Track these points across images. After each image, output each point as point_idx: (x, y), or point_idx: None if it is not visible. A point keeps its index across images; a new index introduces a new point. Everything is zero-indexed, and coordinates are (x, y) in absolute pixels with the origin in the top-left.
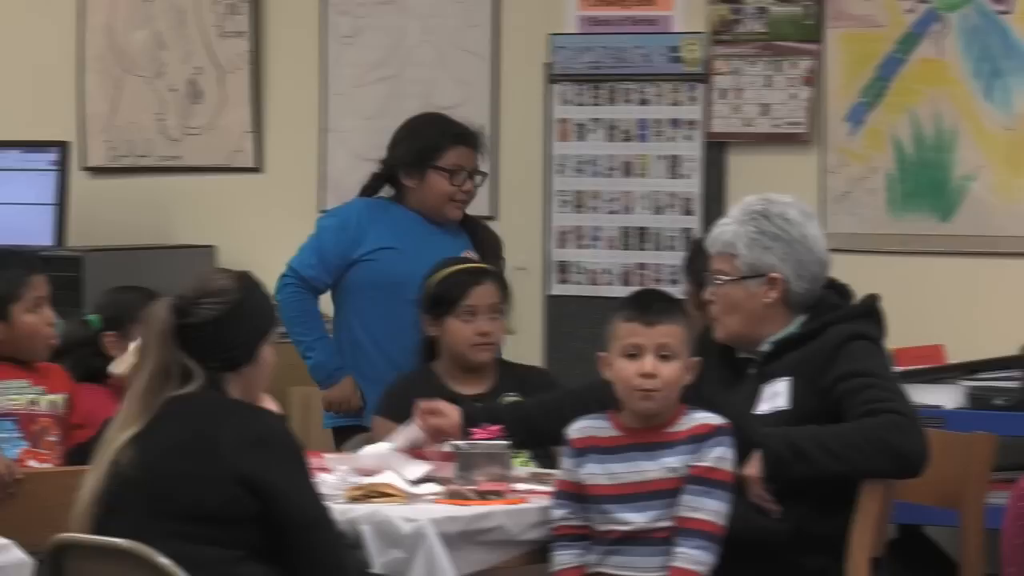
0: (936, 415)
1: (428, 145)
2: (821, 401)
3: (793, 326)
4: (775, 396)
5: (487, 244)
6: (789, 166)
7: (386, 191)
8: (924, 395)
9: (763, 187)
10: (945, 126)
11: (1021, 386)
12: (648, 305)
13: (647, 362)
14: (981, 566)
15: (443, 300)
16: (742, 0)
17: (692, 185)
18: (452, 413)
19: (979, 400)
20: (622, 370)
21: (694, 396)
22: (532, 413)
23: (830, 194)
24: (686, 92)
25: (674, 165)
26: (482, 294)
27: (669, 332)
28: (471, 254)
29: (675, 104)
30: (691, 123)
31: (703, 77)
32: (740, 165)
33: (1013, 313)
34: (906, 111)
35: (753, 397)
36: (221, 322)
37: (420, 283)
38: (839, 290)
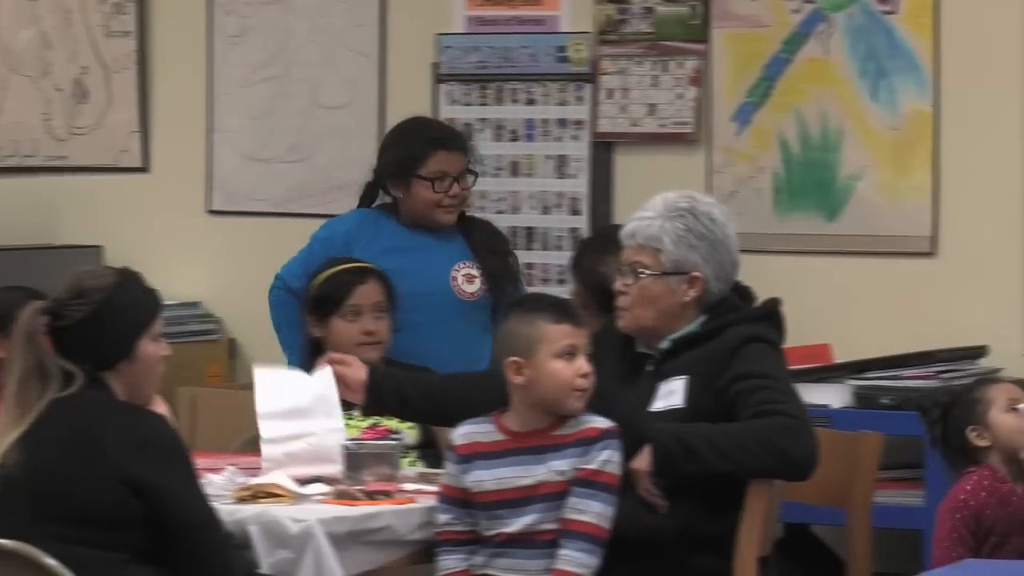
0: (823, 414)
1: (409, 154)
2: (716, 401)
3: (694, 325)
4: (671, 394)
5: (487, 243)
6: (676, 166)
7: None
8: (811, 394)
9: (650, 187)
10: (831, 126)
11: (908, 385)
12: (567, 307)
13: (583, 362)
14: (868, 564)
15: (327, 300)
16: (628, 0)
17: (579, 185)
18: (359, 369)
19: (866, 399)
20: (559, 372)
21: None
22: (435, 390)
23: (717, 194)
24: (573, 92)
25: (561, 165)
26: (366, 293)
27: (587, 333)
28: (465, 264)
29: (562, 104)
30: (578, 123)
31: (590, 77)
32: (627, 165)
33: (899, 312)
34: (792, 111)
35: (649, 394)
36: (89, 321)
37: (401, 301)
38: (741, 292)
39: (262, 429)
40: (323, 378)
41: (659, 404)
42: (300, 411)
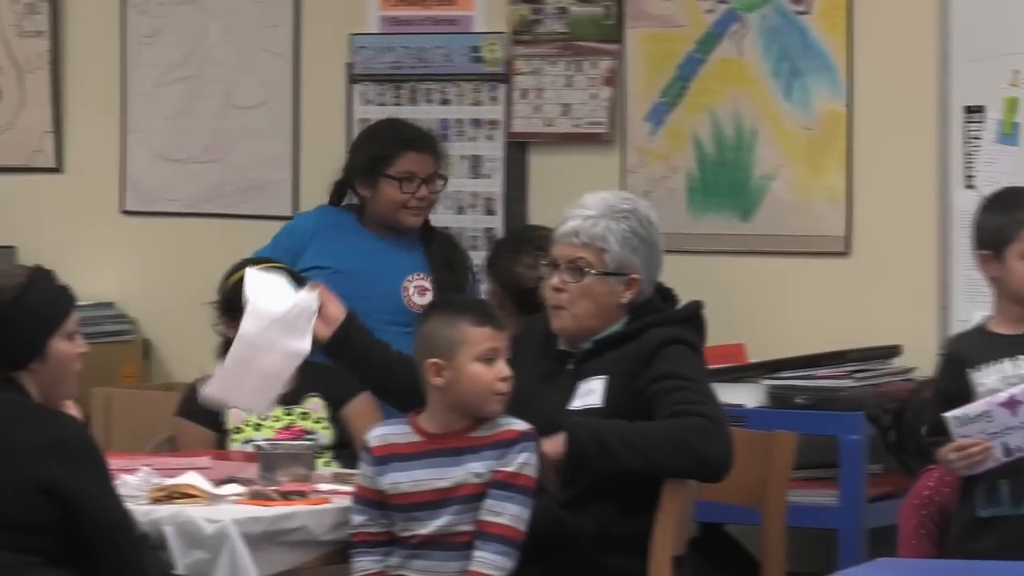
0: (737, 414)
1: (378, 153)
2: (634, 401)
3: (617, 325)
4: (590, 393)
5: (445, 257)
6: (590, 166)
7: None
8: (726, 394)
9: (565, 187)
10: (745, 126)
11: (822, 385)
12: (488, 310)
13: (503, 366)
14: (782, 564)
15: (238, 302)
16: (542, 0)
17: (494, 185)
18: (339, 309)
19: (780, 399)
20: (480, 375)
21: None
22: (395, 365)
23: (631, 194)
24: (487, 92)
25: (476, 165)
26: None
27: (507, 335)
28: (419, 276)
29: (476, 104)
30: (492, 123)
31: (504, 77)
32: (542, 165)
33: (813, 312)
34: (706, 111)
35: (569, 392)
36: None
37: (349, 305)
38: (663, 293)
39: (244, 322)
40: (308, 299)
41: (577, 403)
42: (278, 320)
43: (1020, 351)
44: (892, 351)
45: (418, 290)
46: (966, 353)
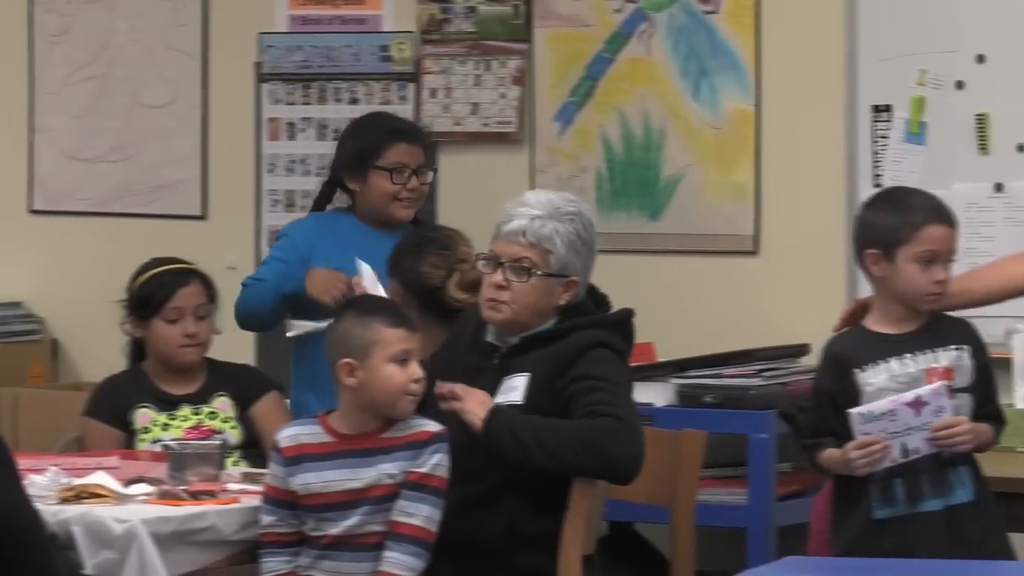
0: (647, 413)
1: (367, 145)
2: (554, 401)
3: (548, 324)
4: (512, 390)
5: None
6: (500, 165)
7: (343, 200)
8: (635, 393)
9: (474, 186)
10: (653, 125)
11: (731, 383)
12: (402, 311)
13: (416, 367)
14: (691, 562)
15: (149, 302)
16: (451, 0)
17: None
18: None
19: (689, 398)
20: (393, 376)
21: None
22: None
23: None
24: (396, 91)
25: None
26: (188, 295)
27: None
28: None
29: (385, 103)
30: None
31: (413, 76)
32: (451, 164)
33: (721, 311)
34: (615, 110)
35: (494, 386)
36: None
37: None
38: (597, 298)
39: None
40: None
41: (500, 398)
42: None
43: (905, 350)
44: (800, 350)
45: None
46: (850, 353)
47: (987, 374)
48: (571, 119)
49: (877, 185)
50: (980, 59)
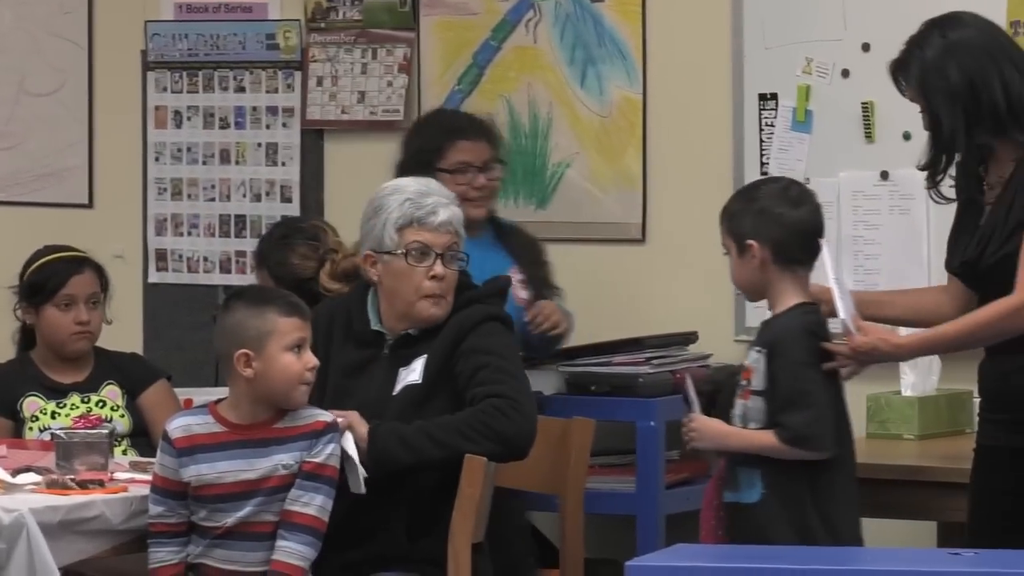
0: (536, 401)
1: (427, 146)
2: (449, 376)
3: None
4: (411, 373)
5: (529, 253)
6: (386, 153)
7: None
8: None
9: (361, 175)
10: (540, 114)
11: (619, 372)
12: (295, 300)
13: (311, 355)
14: (580, 550)
15: (41, 289)
16: None
17: (290, 172)
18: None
19: (577, 386)
20: (290, 365)
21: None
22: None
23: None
24: (283, 79)
25: (272, 153)
26: (81, 283)
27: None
28: (515, 270)
29: (272, 92)
30: (288, 110)
31: (299, 64)
32: (338, 152)
33: (609, 299)
34: (502, 98)
35: (389, 379)
36: None
37: None
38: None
39: None
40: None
41: (400, 387)
42: None
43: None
44: (689, 337)
45: (521, 284)
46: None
47: (779, 381)
48: (458, 107)
49: (764, 173)
50: (865, 48)
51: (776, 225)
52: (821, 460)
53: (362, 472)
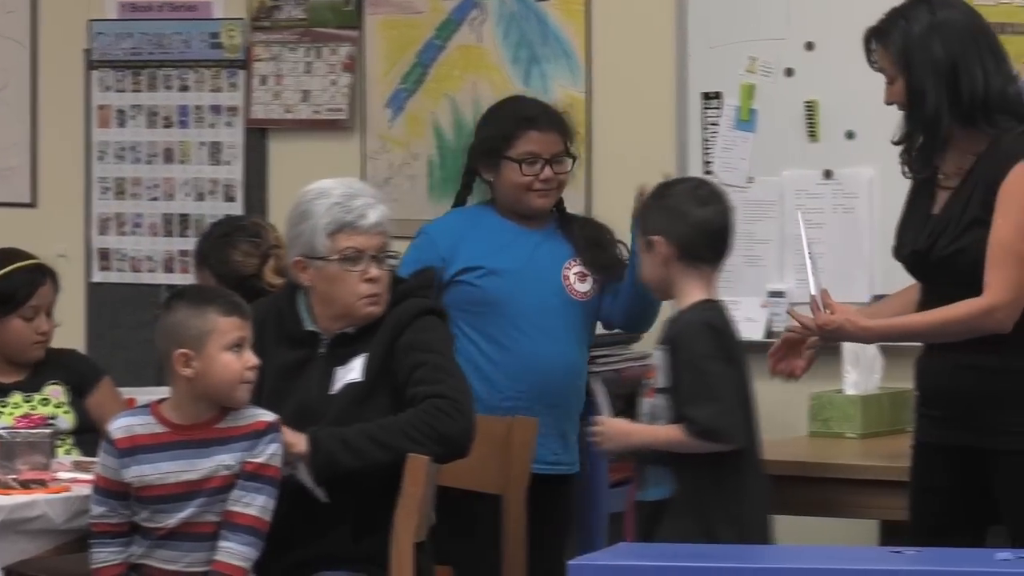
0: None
1: (497, 134)
2: (389, 374)
3: None
4: (351, 371)
5: (591, 237)
6: (330, 152)
7: (485, 192)
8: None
9: (305, 174)
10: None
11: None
12: (235, 300)
13: (251, 355)
14: (523, 548)
15: (9, 299)
16: None
17: (234, 171)
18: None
19: None
20: (230, 365)
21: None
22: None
23: (371, 180)
24: (226, 78)
25: (215, 151)
26: (45, 293)
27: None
28: (575, 262)
29: (216, 90)
30: (232, 109)
31: (243, 63)
32: (282, 151)
33: None
34: (446, 97)
35: (326, 379)
36: None
37: (519, 300)
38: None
39: None
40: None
41: (339, 386)
42: None
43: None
44: (632, 336)
45: (578, 276)
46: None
47: (682, 377)
48: (402, 106)
49: (707, 172)
50: (809, 46)
51: (682, 223)
52: (728, 457)
53: (308, 478)
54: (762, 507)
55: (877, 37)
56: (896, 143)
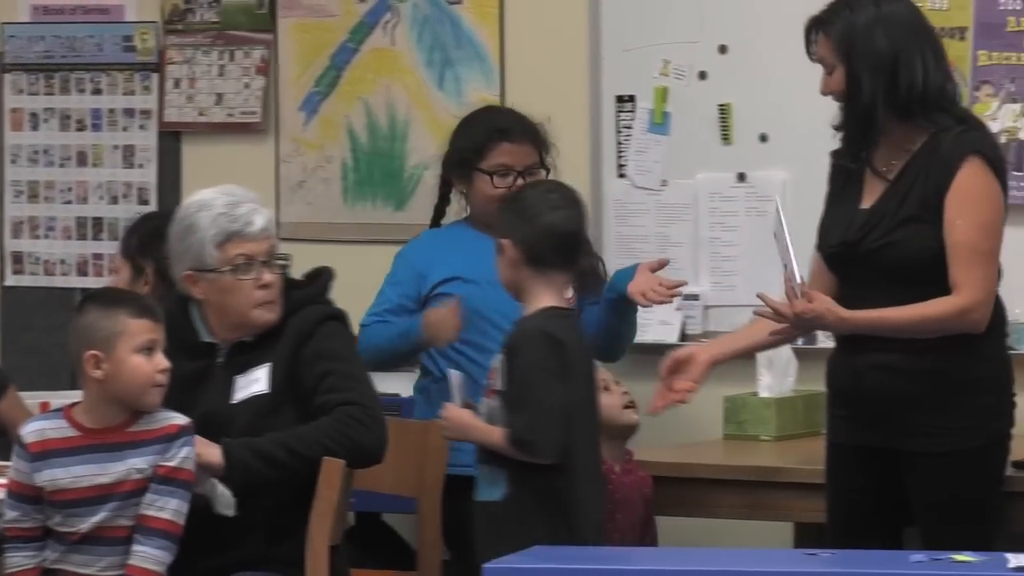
0: (393, 403)
1: (469, 145)
2: (295, 384)
3: None
4: (254, 382)
5: None
6: (244, 156)
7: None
8: (382, 384)
9: (219, 177)
10: (398, 116)
11: None
12: (146, 302)
13: (162, 357)
14: (438, 552)
15: None
16: None
17: (148, 175)
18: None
19: None
20: (140, 366)
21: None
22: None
23: (285, 184)
24: (140, 82)
25: (129, 155)
26: None
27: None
28: None
29: (129, 94)
30: (145, 113)
31: (156, 67)
32: (195, 155)
33: None
34: (360, 100)
35: (226, 389)
36: None
37: (501, 307)
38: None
39: None
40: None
41: (241, 394)
42: None
43: None
44: None
45: None
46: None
47: (511, 383)
48: (316, 109)
49: (621, 175)
50: (722, 50)
51: (528, 226)
52: (555, 469)
53: (223, 491)
54: (590, 523)
55: (820, 27)
56: (837, 128)
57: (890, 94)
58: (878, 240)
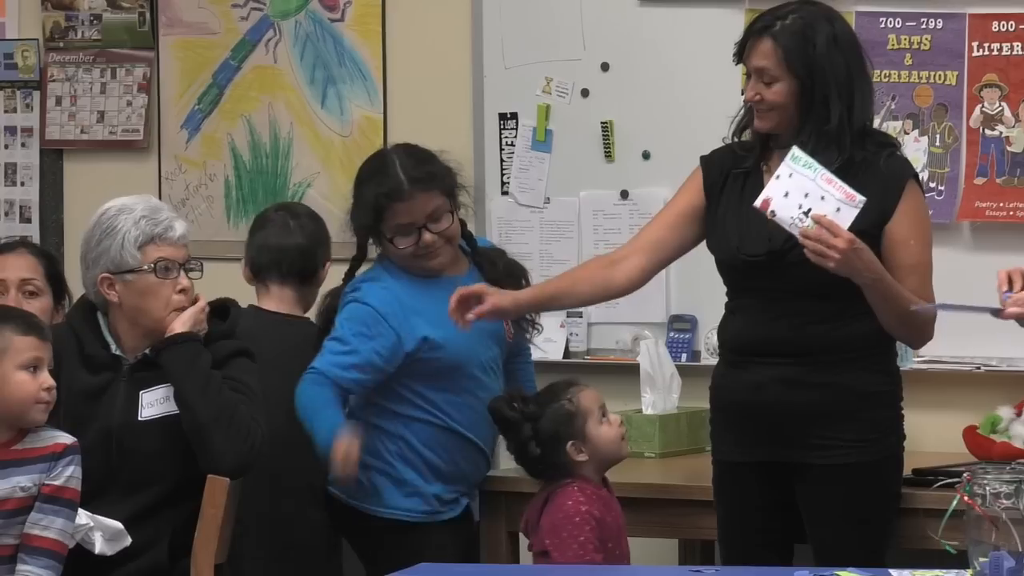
0: None
1: (363, 218)
2: None
3: None
4: (164, 400)
5: (498, 268)
6: (127, 173)
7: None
8: None
9: (102, 195)
10: (281, 133)
11: None
12: (33, 319)
13: (47, 375)
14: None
15: None
16: (76, 7)
17: (30, 193)
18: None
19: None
20: (24, 384)
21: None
22: None
23: (168, 201)
24: (21, 99)
25: (11, 172)
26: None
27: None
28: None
29: (10, 111)
30: (27, 130)
31: (38, 84)
32: (78, 172)
33: None
34: (242, 118)
35: (130, 403)
36: None
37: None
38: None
39: None
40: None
41: (149, 412)
42: None
43: None
44: None
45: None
46: None
47: None
48: (198, 127)
49: (504, 193)
50: (604, 67)
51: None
52: None
53: (109, 523)
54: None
55: (765, 35)
56: (737, 133)
57: (850, 113)
58: (803, 252)
